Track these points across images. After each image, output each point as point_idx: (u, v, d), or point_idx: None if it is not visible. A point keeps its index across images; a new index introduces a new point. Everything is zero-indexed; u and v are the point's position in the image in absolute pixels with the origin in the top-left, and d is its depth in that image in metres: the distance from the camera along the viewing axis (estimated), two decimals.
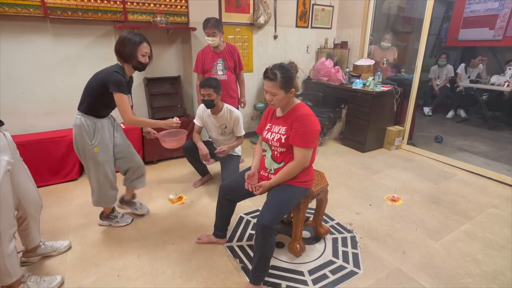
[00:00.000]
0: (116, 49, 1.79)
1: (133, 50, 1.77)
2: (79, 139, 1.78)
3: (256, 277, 1.56)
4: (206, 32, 2.71)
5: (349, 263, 1.81)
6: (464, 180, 2.98)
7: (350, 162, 3.38)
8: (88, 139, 1.78)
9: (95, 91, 1.75)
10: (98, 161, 1.84)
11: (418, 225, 2.21)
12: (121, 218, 2.14)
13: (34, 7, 2.55)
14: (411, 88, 3.68)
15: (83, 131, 1.76)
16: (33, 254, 1.77)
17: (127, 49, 1.76)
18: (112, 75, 1.70)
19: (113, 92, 1.70)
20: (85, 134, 1.77)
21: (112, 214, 2.12)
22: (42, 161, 2.65)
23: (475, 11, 4.83)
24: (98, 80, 1.74)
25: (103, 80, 1.71)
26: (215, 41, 2.72)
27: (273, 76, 1.52)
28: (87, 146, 1.79)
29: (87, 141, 1.78)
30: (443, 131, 4.47)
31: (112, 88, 1.70)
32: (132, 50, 1.77)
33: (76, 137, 1.79)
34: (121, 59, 1.81)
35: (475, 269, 1.78)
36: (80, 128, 1.76)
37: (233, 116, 2.44)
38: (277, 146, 1.64)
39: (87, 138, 1.77)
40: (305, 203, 1.77)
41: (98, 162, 1.84)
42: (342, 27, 4.41)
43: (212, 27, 2.67)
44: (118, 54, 1.80)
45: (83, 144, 1.79)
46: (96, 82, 1.75)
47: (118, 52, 1.79)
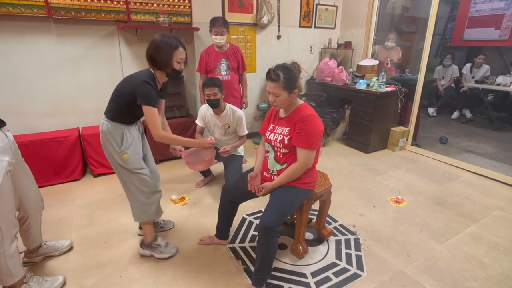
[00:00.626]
0: (148, 54, 1.60)
1: (168, 56, 1.57)
2: (107, 145, 1.63)
3: (258, 279, 1.55)
4: (215, 31, 2.69)
5: (352, 266, 1.79)
6: (469, 181, 2.95)
7: (354, 163, 3.36)
8: (116, 146, 1.62)
9: (121, 98, 1.61)
10: (129, 169, 1.65)
11: (422, 227, 2.19)
12: (165, 247, 1.85)
13: (38, 7, 2.55)
14: (415, 88, 3.64)
15: (109, 137, 1.61)
16: (35, 254, 1.77)
17: (162, 56, 1.56)
18: (141, 86, 1.54)
19: (141, 104, 1.55)
20: (112, 141, 1.61)
21: (155, 242, 1.83)
22: (45, 161, 2.66)
23: (481, 11, 4.78)
24: (127, 88, 1.59)
25: (132, 90, 1.56)
26: (222, 40, 2.72)
27: (275, 77, 1.51)
28: (116, 153, 1.62)
29: (115, 148, 1.62)
30: (448, 132, 4.43)
31: (140, 101, 1.54)
32: (167, 57, 1.57)
33: (104, 144, 1.65)
34: (153, 66, 1.61)
35: (481, 273, 1.75)
36: (106, 134, 1.62)
37: (236, 115, 2.43)
38: (280, 147, 1.62)
39: (114, 145, 1.62)
40: (308, 204, 1.75)
41: (130, 170, 1.65)
42: (346, 27, 4.39)
43: (221, 25, 2.67)
44: (150, 61, 1.61)
45: (111, 151, 1.63)
46: (125, 90, 1.60)
47: (151, 58, 1.59)
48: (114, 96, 1.65)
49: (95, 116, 3.10)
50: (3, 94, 2.67)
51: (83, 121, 3.07)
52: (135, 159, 1.66)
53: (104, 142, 1.65)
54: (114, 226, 2.15)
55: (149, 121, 1.58)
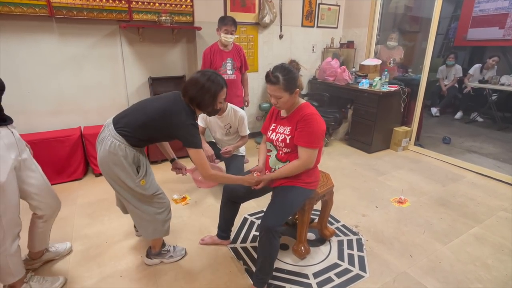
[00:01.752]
0: (191, 94, 1.45)
1: (213, 99, 1.48)
2: (117, 170, 1.45)
3: (260, 279, 1.54)
4: (225, 29, 2.68)
5: (354, 266, 1.77)
6: (473, 182, 2.92)
7: (356, 163, 3.34)
8: (132, 172, 1.47)
9: (156, 131, 1.46)
10: (146, 195, 1.54)
11: (425, 228, 2.17)
12: (174, 252, 1.81)
13: (40, 6, 2.56)
14: (418, 88, 3.62)
15: (124, 162, 1.44)
16: (37, 260, 1.73)
17: (207, 99, 1.46)
18: (188, 129, 1.42)
19: (189, 148, 1.45)
20: (128, 166, 1.45)
21: (163, 249, 1.78)
22: (47, 160, 2.65)
23: (485, 10, 4.73)
24: (167, 124, 1.43)
25: (174, 129, 1.43)
26: (232, 39, 2.74)
27: (275, 80, 1.48)
28: (130, 179, 1.47)
29: (130, 174, 1.46)
30: (451, 132, 4.39)
31: (187, 144, 1.44)
32: (213, 99, 1.49)
33: (113, 166, 1.44)
34: (193, 105, 1.49)
35: (485, 274, 1.73)
36: (120, 158, 1.43)
37: (237, 115, 2.42)
38: (282, 146, 1.61)
39: (130, 171, 1.46)
40: (310, 204, 1.74)
41: (146, 196, 1.54)
42: (348, 27, 4.37)
43: (232, 25, 2.68)
44: (191, 100, 1.47)
45: (122, 177, 1.46)
46: (163, 126, 1.44)
47: (194, 99, 1.46)
48: (143, 124, 1.44)
49: (97, 116, 3.10)
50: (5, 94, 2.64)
51: (84, 121, 3.07)
52: (151, 183, 1.58)
53: (115, 164, 1.44)
54: (116, 226, 2.14)
55: (198, 164, 1.48)
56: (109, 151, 1.43)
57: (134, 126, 1.44)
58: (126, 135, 1.44)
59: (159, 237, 1.69)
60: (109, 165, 1.45)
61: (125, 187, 1.50)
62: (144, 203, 1.56)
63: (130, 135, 1.44)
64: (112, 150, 1.42)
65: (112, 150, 1.42)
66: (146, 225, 1.60)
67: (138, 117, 1.46)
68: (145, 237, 1.67)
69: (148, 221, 1.59)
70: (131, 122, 1.45)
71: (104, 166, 1.47)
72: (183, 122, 1.42)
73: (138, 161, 1.51)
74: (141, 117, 1.45)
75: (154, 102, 1.51)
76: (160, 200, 1.61)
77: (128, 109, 1.53)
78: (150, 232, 1.63)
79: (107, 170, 1.47)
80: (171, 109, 1.44)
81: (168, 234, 1.69)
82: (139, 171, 1.51)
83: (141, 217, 1.58)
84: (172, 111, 1.43)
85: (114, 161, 1.44)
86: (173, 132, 1.45)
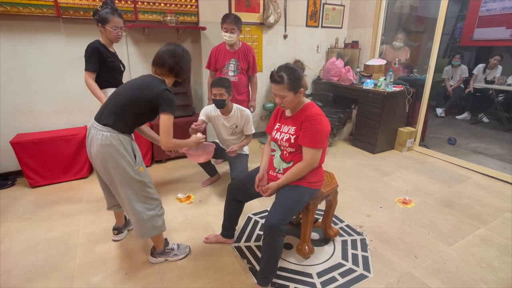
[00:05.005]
0: (173, 62, 1.56)
1: (189, 66, 1.65)
2: (119, 159, 1.47)
3: (263, 278, 1.55)
4: (224, 28, 2.62)
5: (358, 266, 1.77)
6: (479, 183, 2.90)
7: (360, 163, 3.33)
8: (131, 159, 1.51)
9: (137, 108, 1.51)
10: (144, 182, 1.57)
11: (430, 228, 2.15)
12: (178, 249, 1.83)
13: (48, 7, 2.59)
14: (423, 88, 3.60)
15: (123, 150, 1.48)
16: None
17: (185, 66, 1.60)
18: (165, 94, 1.50)
19: (164, 112, 1.49)
20: (126, 154, 1.49)
21: (167, 248, 1.80)
22: (53, 158, 2.70)
23: (491, 10, 4.69)
24: (145, 97, 1.49)
25: (154, 99, 1.49)
26: (232, 38, 2.65)
27: (279, 79, 1.49)
28: (131, 166, 1.51)
29: (129, 162, 1.50)
30: (457, 133, 4.36)
31: (165, 109, 1.49)
32: (189, 67, 1.65)
33: (112, 158, 1.47)
34: (172, 73, 1.59)
35: (491, 276, 1.72)
36: (118, 148, 1.46)
37: (244, 115, 2.43)
38: (286, 146, 1.61)
39: (129, 158, 1.50)
40: (314, 204, 1.74)
41: (144, 184, 1.57)
42: (353, 27, 4.35)
43: (231, 23, 2.58)
44: (174, 69, 1.57)
45: (123, 165, 1.48)
46: (141, 100, 1.50)
47: (178, 66, 1.57)
48: (124, 106, 1.50)
49: None
50: (14, 93, 2.71)
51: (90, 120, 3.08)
52: (146, 172, 1.61)
53: (112, 156, 1.47)
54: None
55: (166, 128, 1.51)
56: (102, 145, 1.46)
57: (116, 111, 1.49)
58: (112, 124, 1.48)
59: (158, 234, 1.69)
60: (107, 159, 1.47)
61: (125, 179, 1.51)
62: (143, 192, 1.59)
63: (116, 122, 1.49)
64: (106, 142, 1.45)
65: (106, 142, 1.45)
66: (144, 224, 1.61)
67: (117, 102, 1.52)
68: (145, 237, 1.66)
69: (144, 220, 1.60)
70: (112, 110, 1.50)
71: (102, 162, 1.49)
72: (158, 88, 1.50)
73: (133, 149, 1.56)
74: (120, 101, 1.51)
75: (127, 86, 1.57)
76: (153, 196, 1.64)
77: (104, 104, 1.58)
78: (148, 230, 1.63)
79: (106, 165, 1.49)
80: (144, 83, 1.54)
81: (165, 229, 1.72)
82: (136, 158, 1.55)
83: (138, 216, 1.59)
84: (145, 84, 1.53)
85: (111, 153, 1.46)
86: (152, 100, 1.50)
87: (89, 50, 2.05)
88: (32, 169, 2.65)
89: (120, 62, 2.26)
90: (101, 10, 2.04)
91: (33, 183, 2.68)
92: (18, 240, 1.99)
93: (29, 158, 2.61)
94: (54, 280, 1.65)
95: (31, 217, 2.25)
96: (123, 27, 2.14)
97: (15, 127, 2.76)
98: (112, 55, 2.16)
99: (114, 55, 2.22)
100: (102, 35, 2.12)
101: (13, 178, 2.80)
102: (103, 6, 2.06)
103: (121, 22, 2.10)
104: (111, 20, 2.05)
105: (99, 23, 2.07)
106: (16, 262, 1.78)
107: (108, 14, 2.04)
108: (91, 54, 2.04)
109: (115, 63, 2.17)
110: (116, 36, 2.11)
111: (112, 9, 2.06)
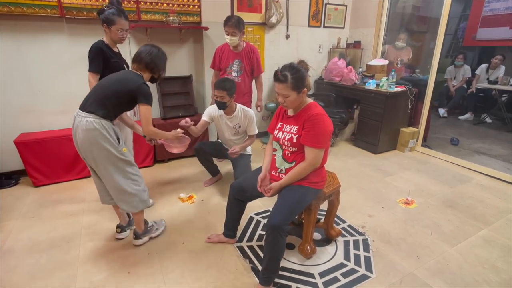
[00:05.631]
0: (149, 59, 1.74)
1: (164, 66, 1.84)
2: (103, 142, 1.62)
3: (266, 278, 1.55)
4: (226, 31, 2.63)
5: (361, 267, 1.77)
6: (482, 184, 2.89)
7: (362, 163, 3.32)
8: (114, 142, 1.66)
9: (118, 99, 1.68)
10: (128, 161, 1.75)
11: (433, 229, 2.15)
12: (157, 224, 2.06)
13: (51, 7, 2.60)
14: (425, 88, 3.59)
15: (105, 134, 1.63)
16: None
17: (161, 64, 1.80)
18: (143, 87, 1.68)
19: (142, 104, 1.68)
20: (109, 137, 1.64)
21: (148, 226, 1.99)
22: (56, 158, 2.71)
23: (495, 10, 4.67)
24: (125, 89, 1.67)
25: (132, 91, 1.67)
26: (233, 41, 2.65)
27: (283, 78, 1.50)
28: (114, 147, 1.66)
29: (112, 144, 1.65)
30: (459, 133, 4.34)
31: (142, 101, 1.68)
32: (164, 66, 1.84)
33: (96, 141, 1.61)
34: (147, 69, 1.77)
35: (494, 277, 1.71)
36: (101, 131, 1.61)
37: (247, 115, 2.43)
38: (289, 145, 1.61)
39: (112, 140, 1.65)
40: (317, 204, 1.74)
41: (128, 162, 1.75)
42: (355, 27, 4.35)
43: (232, 26, 2.58)
44: (149, 66, 1.76)
45: (107, 147, 1.63)
46: (122, 91, 1.67)
47: (153, 63, 1.76)
48: (107, 96, 1.66)
49: None
50: (17, 93, 2.73)
51: None
52: (130, 153, 1.82)
53: (96, 140, 1.61)
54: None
55: (146, 118, 1.71)
56: (87, 130, 1.60)
57: (100, 100, 1.65)
58: (95, 111, 1.63)
59: (144, 208, 1.88)
60: (92, 142, 1.62)
61: (110, 159, 1.67)
62: (128, 169, 1.76)
63: (98, 109, 1.63)
64: (90, 127, 1.60)
65: (90, 127, 1.60)
66: (131, 199, 1.79)
67: (100, 92, 1.67)
68: (134, 210, 1.83)
69: (131, 195, 1.78)
70: (96, 99, 1.65)
71: (88, 146, 1.64)
72: (136, 82, 1.68)
73: (116, 133, 1.71)
74: (103, 91, 1.67)
75: (110, 78, 1.74)
76: (137, 173, 1.82)
77: (88, 94, 1.72)
78: (137, 203, 1.81)
79: (91, 148, 1.63)
80: (124, 76, 1.74)
81: (150, 204, 1.93)
82: (119, 140, 1.71)
83: (125, 192, 1.76)
84: (126, 78, 1.72)
85: (95, 136, 1.61)
86: (131, 92, 1.67)
87: (93, 50, 2.03)
88: (36, 169, 2.66)
89: (124, 62, 2.26)
90: (107, 10, 2.02)
91: (37, 183, 2.69)
92: (21, 238, 2.00)
93: (33, 158, 2.62)
94: (57, 279, 1.66)
95: (34, 216, 2.26)
96: (129, 29, 2.13)
97: (19, 127, 2.78)
98: (115, 55, 2.14)
99: (118, 55, 2.21)
100: (106, 35, 2.09)
101: (17, 178, 2.82)
102: (109, 6, 2.03)
103: (127, 24, 2.08)
104: (117, 22, 2.02)
105: (104, 23, 2.04)
106: (20, 260, 1.79)
107: (115, 16, 2.01)
108: (95, 55, 2.03)
109: (119, 63, 2.16)
110: (121, 38, 2.09)
111: (119, 10, 2.04)
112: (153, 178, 2.91)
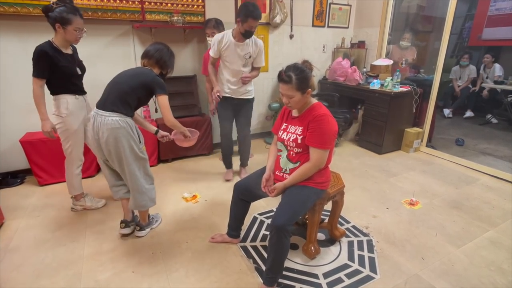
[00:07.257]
0: (159, 56, 1.83)
1: (173, 64, 1.94)
2: (129, 139, 1.72)
3: (269, 278, 1.54)
4: (206, 33, 2.84)
5: (365, 268, 1.76)
6: (488, 185, 2.86)
7: (367, 164, 3.31)
8: (136, 139, 1.77)
9: (137, 93, 1.75)
10: (146, 159, 1.86)
11: (438, 230, 2.13)
12: (156, 216, 2.19)
13: None
14: (430, 89, 3.56)
15: (131, 132, 1.72)
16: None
17: (170, 62, 1.90)
18: (156, 78, 1.78)
19: (160, 94, 1.77)
20: (133, 134, 1.75)
21: (150, 218, 2.12)
22: (62, 157, 2.69)
23: (501, 9, 4.63)
24: (142, 84, 1.76)
25: (149, 84, 1.76)
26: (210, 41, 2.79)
27: (288, 79, 1.49)
28: (137, 146, 1.77)
29: (136, 141, 1.76)
30: (464, 134, 4.31)
31: (159, 92, 1.77)
32: (173, 64, 1.94)
33: (121, 139, 1.69)
34: (157, 65, 1.85)
35: (501, 279, 1.69)
36: (127, 129, 1.71)
37: (258, 44, 2.50)
38: (293, 146, 1.61)
39: (135, 138, 1.76)
40: (321, 204, 1.73)
41: (146, 160, 1.86)
42: (359, 27, 4.33)
43: (210, 28, 2.81)
44: (159, 62, 1.84)
45: (132, 145, 1.74)
46: (139, 86, 1.75)
47: (162, 60, 1.84)
48: (126, 92, 1.73)
49: None
50: (21, 93, 2.74)
51: None
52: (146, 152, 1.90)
53: (123, 137, 1.69)
54: None
55: (166, 107, 1.80)
56: (112, 128, 1.67)
57: (120, 97, 1.71)
58: (117, 110, 1.70)
59: (152, 206, 1.98)
60: (118, 139, 1.69)
61: (133, 156, 1.76)
62: (145, 168, 1.87)
63: (121, 107, 1.71)
64: (116, 125, 1.67)
65: (116, 125, 1.67)
66: (142, 197, 1.88)
67: (118, 89, 1.73)
68: (142, 208, 1.93)
69: (144, 192, 1.87)
70: (117, 96, 1.71)
71: (114, 143, 1.70)
72: (149, 74, 1.78)
73: (137, 131, 1.80)
74: (121, 88, 1.73)
75: (123, 76, 1.80)
76: (150, 173, 1.93)
77: (103, 95, 1.77)
78: (145, 202, 1.90)
79: (117, 145, 1.70)
80: (138, 71, 1.81)
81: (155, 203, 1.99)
82: (140, 139, 1.81)
83: (140, 189, 1.85)
84: (139, 72, 1.80)
85: (122, 133, 1.69)
86: (147, 85, 1.76)
87: (36, 54, 1.87)
88: (41, 168, 2.68)
89: (77, 65, 2.08)
90: (56, 7, 1.84)
91: (42, 182, 2.72)
92: (27, 237, 2.01)
93: (38, 157, 2.64)
94: (62, 277, 1.67)
95: (39, 215, 2.28)
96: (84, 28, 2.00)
97: (25, 126, 2.80)
98: (65, 59, 1.97)
99: (70, 56, 2.03)
100: (58, 35, 1.93)
101: (22, 177, 2.84)
102: (58, 3, 1.85)
103: (82, 22, 1.94)
104: (74, 21, 1.88)
105: (57, 23, 1.87)
106: (25, 259, 1.81)
107: (70, 15, 1.87)
108: (38, 59, 1.87)
109: (69, 67, 1.99)
110: (77, 38, 1.96)
111: (73, 8, 1.89)
112: (157, 177, 2.88)
